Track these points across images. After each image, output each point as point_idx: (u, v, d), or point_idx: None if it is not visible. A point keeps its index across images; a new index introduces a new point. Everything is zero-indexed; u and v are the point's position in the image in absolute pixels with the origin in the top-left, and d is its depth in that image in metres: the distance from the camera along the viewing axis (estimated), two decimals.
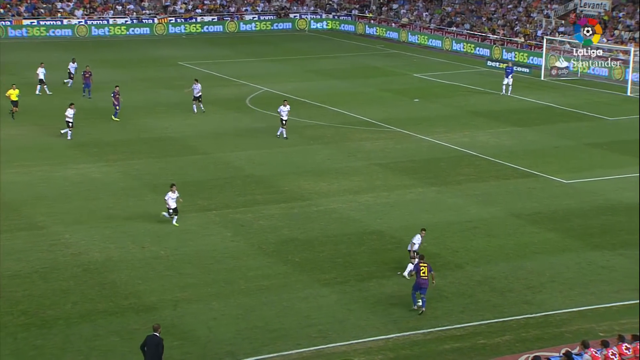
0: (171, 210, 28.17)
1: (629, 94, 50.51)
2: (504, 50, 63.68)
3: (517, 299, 23.05)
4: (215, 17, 79.63)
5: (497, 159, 36.72)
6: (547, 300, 22.94)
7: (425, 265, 22.26)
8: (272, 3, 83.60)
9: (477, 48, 66.41)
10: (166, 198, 28.01)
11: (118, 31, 74.98)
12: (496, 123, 43.42)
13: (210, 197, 31.25)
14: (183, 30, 77.24)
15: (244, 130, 42.10)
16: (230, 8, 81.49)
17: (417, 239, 24.71)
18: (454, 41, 68.80)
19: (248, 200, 31.11)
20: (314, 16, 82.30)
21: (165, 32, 76.08)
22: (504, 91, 50.67)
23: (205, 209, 29.93)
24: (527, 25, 67.07)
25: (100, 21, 75.53)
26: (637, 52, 53.57)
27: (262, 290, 23.50)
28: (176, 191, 28.17)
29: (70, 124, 38.71)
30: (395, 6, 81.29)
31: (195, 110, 44.62)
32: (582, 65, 56.72)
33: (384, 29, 76.47)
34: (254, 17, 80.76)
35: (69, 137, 38.77)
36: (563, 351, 18.43)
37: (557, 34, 63.10)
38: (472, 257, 25.87)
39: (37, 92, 48.63)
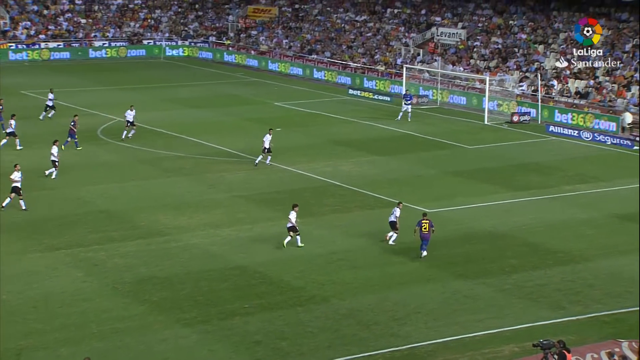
0: None
1: (486, 122, 52.84)
2: (365, 78, 65.31)
3: (383, 332, 23.41)
4: (62, 44, 77.55)
5: (360, 188, 37.41)
6: (412, 332, 23.40)
7: (427, 221, 28.46)
8: (124, 29, 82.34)
9: (339, 76, 67.78)
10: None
11: None
12: (358, 152, 44.31)
13: (59, 235, 30.20)
14: (26, 57, 74.70)
15: (96, 162, 41.06)
16: (78, 34, 79.59)
17: (397, 212, 29.84)
18: (315, 69, 69.95)
19: (101, 238, 30.29)
20: (170, 43, 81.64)
21: (5, 59, 73.31)
22: (400, 117, 51.86)
23: (53, 248, 28.87)
24: (387, 53, 69.13)
25: None
26: (493, 81, 56.27)
27: (117, 333, 22.81)
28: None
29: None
30: (254, 33, 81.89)
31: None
32: (442, 94, 58.98)
33: (243, 57, 76.80)
34: (104, 44, 79.23)
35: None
36: None
37: (416, 62, 65.36)
38: (338, 290, 26.11)
39: None
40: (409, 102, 52.51)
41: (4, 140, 43.11)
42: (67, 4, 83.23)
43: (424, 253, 28.62)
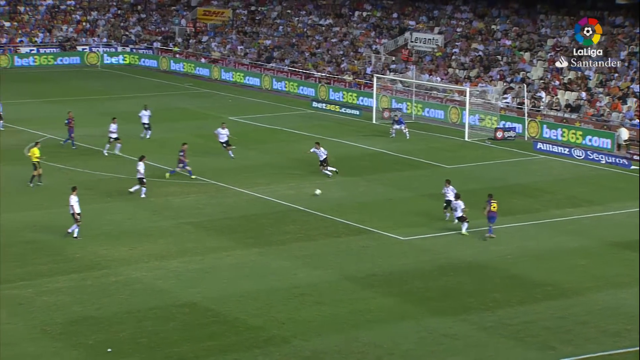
0: None
1: (466, 138, 53.41)
2: (331, 89, 65.75)
3: None
4: None
5: (325, 213, 37.59)
6: None
7: (495, 201, 34.49)
8: (55, 33, 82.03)
9: (301, 87, 68.18)
10: None
11: None
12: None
13: None
14: None
15: (23, 186, 40.76)
16: (2, 39, 79.11)
17: (447, 190, 36.39)
18: (274, 79, 70.29)
19: (28, 272, 30.08)
20: (108, 49, 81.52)
21: None
22: (393, 134, 52.42)
23: None
24: (355, 61, 69.70)
25: None
26: (474, 93, 56.91)
27: None
28: None
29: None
30: (204, 39, 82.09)
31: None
32: (417, 107, 59.57)
33: (192, 65, 76.92)
34: (32, 50, 78.84)
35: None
36: None
37: (388, 71, 65.96)
38: (301, 330, 26.19)
39: None
40: (401, 125, 52.74)
41: (118, 145, 46.91)
42: None
43: (492, 235, 34.49)
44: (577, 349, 25.34)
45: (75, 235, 33.54)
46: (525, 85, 57.48)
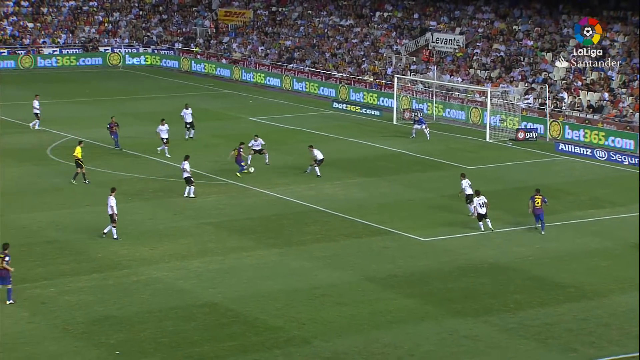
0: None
1: (487, 139, 53.24)
2: (352, 90, 65.71)
3: None
4: (5, 51, 77.54)
5: (346, 214, 37.56)
6: None
7: (540, 197, 35.01)
8: (78, 34, 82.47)
9: (321, 88, 68.17)
10: None
11: None
12: (344, 173, 44.52)
13: None
14: None
15: (45, 186, 41.02)
16: (25, 40, 79.60)
17: (465, 185, 36.85)
18: (294, 80, 70.33)
19: (51, 272, 30.23)
20: (130, 50, 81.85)
21: None
22: (414, 135, 52.49)
23: None
24: (376, 62, 69.63)
25: None
26: (496, 94, 56.73)
27: None
28: None
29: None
30: (225, 39, 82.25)
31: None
32: (437, 107, 59.43)
33: (213, 66, 77.08)
34: (54, 51, 79.30)
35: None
36: None
37: (409, 72, 65.85)
38: (321, 330, 26.18)
39: None
40: (422, 124, 52.75)
41: (164, 147, 46.72)
42: (11, 5, 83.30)
43: (542, 231, 35.18)
44: (600, 351, 25.20)
45: (114, 236, 33.57)
46: (547, 86, 57.23)
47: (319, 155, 43.55)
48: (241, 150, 43.29)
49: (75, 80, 72.24)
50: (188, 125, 51.11)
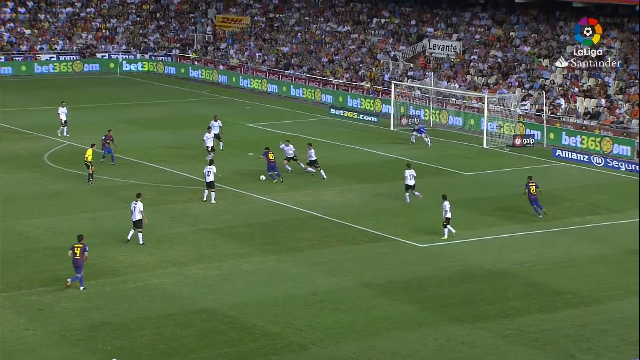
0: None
1: (485, 145, 53.25)
2: (349, 96, 65.72)
3: None
4: (3, 57, 77.52)
5: (344, 220, 37.56)
6: None
7: (534, 183, 37.22)
8: (75, 41, 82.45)
9: (319, 94, 68.10)
10: None
11: None
12: (342, 179, 44.51)
13: None
14: None
15: (42, 192, 41.00)
16: (22, 46, 79.58)
17: (407, 174, 38.89)
18: (292, 86, 70.33)
19: (47, 278, 30.18)
20: (127, 56, 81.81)
21: None
22: (414, 140, 52.68)
23: None
24: (373, 68, 69.67)
25: None
26: (493, 100, 56.78)
27: None
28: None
29: None
30: (223, 46, 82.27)
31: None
32: (435, 114, 59.42)
33: (210, 72, 77.09)
34: (52, 57, 79.24)
35: None
36: None
37: (406, 78, 65.89)
38: (319, 337, 26.15)
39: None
40: (422, 133, 52.82)
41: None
42: (9, 12, 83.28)
43: (540, 216, 37.40)
44: (597, 357, 25.19)
45: (140, 241, 33.61)
46: (544, 92, 57.28)
47: (312, 155, 44.01)
48: (268, 155, 42.99)
49: (73, 87, 72.16)
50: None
